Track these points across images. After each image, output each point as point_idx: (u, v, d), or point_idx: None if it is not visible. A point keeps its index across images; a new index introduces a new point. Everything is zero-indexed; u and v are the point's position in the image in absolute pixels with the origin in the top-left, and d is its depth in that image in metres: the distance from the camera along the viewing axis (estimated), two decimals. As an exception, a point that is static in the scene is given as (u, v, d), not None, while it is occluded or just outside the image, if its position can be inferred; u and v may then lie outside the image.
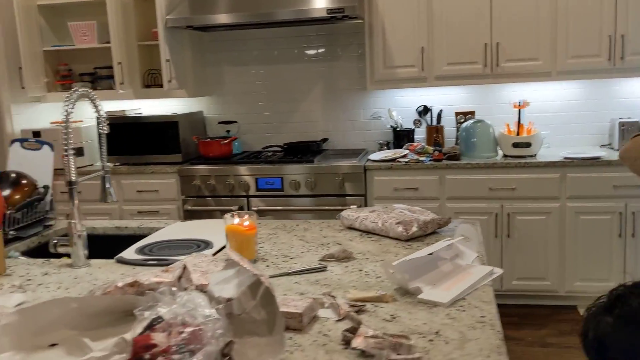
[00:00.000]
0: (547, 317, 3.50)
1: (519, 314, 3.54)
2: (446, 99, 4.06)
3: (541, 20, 3.59)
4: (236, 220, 1.74)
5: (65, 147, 1.73)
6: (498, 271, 1.56)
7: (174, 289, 1.27)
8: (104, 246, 2.20)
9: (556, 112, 3.96)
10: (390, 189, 3.62)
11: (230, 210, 3.73)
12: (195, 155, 4.12)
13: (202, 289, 1.44)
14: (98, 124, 1.87)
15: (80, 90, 1.78)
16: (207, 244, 1.92)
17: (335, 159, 3.80)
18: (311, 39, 4.19)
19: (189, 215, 3.79)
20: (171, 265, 1.47)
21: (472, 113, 3.96)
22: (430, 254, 1.57)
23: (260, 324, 1.18)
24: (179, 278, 1.41)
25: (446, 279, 1.50)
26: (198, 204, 3.82)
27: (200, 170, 3.80)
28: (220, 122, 4.27)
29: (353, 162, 3.67)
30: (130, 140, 4.00)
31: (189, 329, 1.10)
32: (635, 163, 1.51)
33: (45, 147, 2.27)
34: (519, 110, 3.71)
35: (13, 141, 2.29)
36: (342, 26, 4.12)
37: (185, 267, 1.43)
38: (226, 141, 3.97)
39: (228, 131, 4.27)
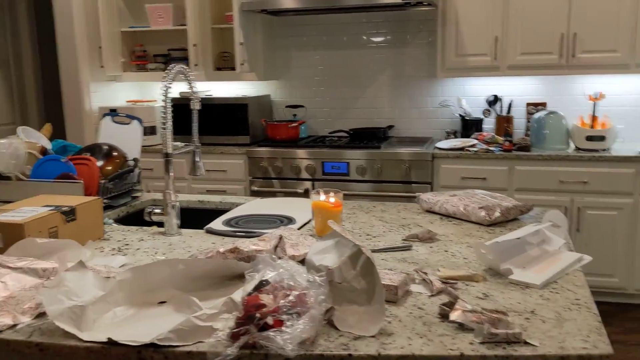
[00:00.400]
0: (614, 315, 3.43)
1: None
2: (517, 89, 4.00)
3: (622, 11, 3.48)
4: (322, 197, 1.79)
5: (164, 121, 1.81)
6: (587, 258, 1.55)
7: (273, 255, 1.33)
8: (188, 218, 2.29)
9: (632, 106, 3.84)
10: (457, 177, 3.60)
11: (296, 193, 3.80)
12: (262, 137, 4.20)
13: (293, 259, 1.49)
14: (190, 100, 1.95)
15: (177, 67, 1.85)
16: (289, 220, 1.98)
17: (402, 146, 3.80)
18: (379, 25, 4.19)
19: (255, 196, 3.87)
20: (267, 235, 1.53)
21: (543, 104, 3.89)
22: (519, 237, 1.58)
23: (359, 293, 1.23)
24: (275, 247, 1.47)
25: (536, 263, 1.51)
26: (264, 185, 3.90)
27: (267, 153, 3.88)
28: (287, 106, 4.34)
29: (420, 150, 3.67)
30: (201, 120, 4.10)
31: (295, 292, 1.15)
32: None
33: (135, 122, 2.38)
34: (594, 103, 3.62)
35: (105, 115, 2.41)
36: (412, 13, 4.11)
37: (281, 237, 1.49)
38: (294, 125, 4.03)
39: (295, 115, 4.34)
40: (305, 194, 3.82)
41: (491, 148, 3.60)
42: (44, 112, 5.13)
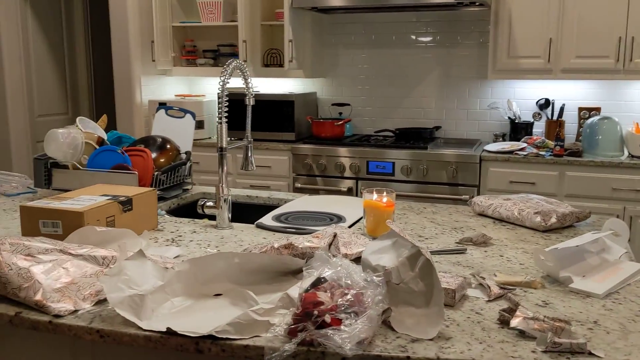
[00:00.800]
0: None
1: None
2: (569, 93, 3.90)
3: (685, 14, 3.36)
4: (375, 196, 1.77)
5: (219, 116, 1.82)
6: (651, 269, 1.50)
7: (328, 253, 1.32)
8: (235, 212, 2.31)
9: (692, 113, 3.71)
10: (505, 181, 3.54)
11: (340, 191, 3.80)
12: (307, 134, 4.21)
13: (346, 257, 1.49)
14: (245, 96, 1.96)
15: (234, 63, 1.87)
16: (339, 218, 1.97)
17: (448, 148, 3.75)
18: (429, 24, 4.14)
19: (298, 193, 3.89)
20: (320, 232, 1.53)
21: (597, 109, 3.78)
22: (578, 245, 1.54)
23: (417, 295, 1.21)
24: (329, 245, 1.46)
25: (596, 272, 1.46)
26: (308, 182, 3.91)
27: (312, 150, 3.88)
28: (333, 104, 4.33)
29: (468, 152, 3.62)
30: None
31: (352, 292, 1.15)
32: None
33: (188, 116, 2.41)
34: (652, 109, 3.50)
35: (159, 108, 2.44)
36: (463, 13, 4.05)
37: (335, 235, 1.48)
38: (340, 123, 4.03)
39: (340, 113, 4.33)
40: (349, 192, 3.81)
41: (541, 152, 3.52)
42: (94, 103, 5.25)
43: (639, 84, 3.76)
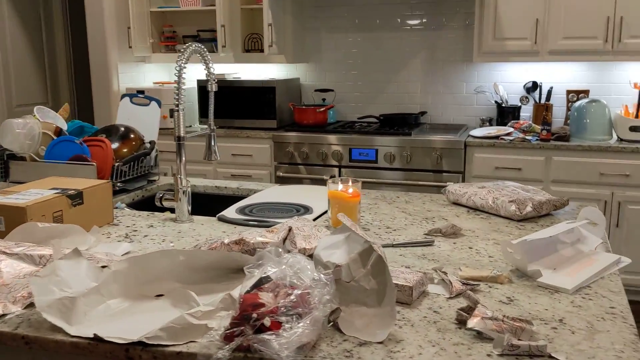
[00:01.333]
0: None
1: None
2: (557, 76, 3.80)
3: (675, -8, 3.25)
4: (340, 187, 1.68)
5: (176, 103, 1.73)
6: (626, 260, 1.41)
7: (280, 250, 1.23)
8: (204, 204, 2.23)
9: (682, 95, 3.60)
10: (491, 167, 3.45)
11: (322, 179, 3.71)
12: (289, 122, 4.10)
13: (304, 252, 1.40)
14: (207, 82, 1.86)
15: (193, 46, 1.77)
16: (306, 209, 1.88)
17: (434, 133, 3.66)
18: (414, 6, 4.03)
19: (280, 182, 3.80)
20: (276, 226, 1.44)
21: (585, 92, 3.68)
22: (551, 236, 1.45)
23: (369, 293, 1.12)
24: (284, 240, 1.37)
25: (568, 264, 1.38)
26: (290, 170, 3.81)
27: (294, 138, 3.79)
28: (316, 90, 4.23)
29: (452, 137, 3.52)
30: (227, 103, 4.04)
31: (297, 292, 1.06)
32: None
33: (153, 104, 2.31)
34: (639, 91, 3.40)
35: (123, 96, 2.34)
36: (449, -6, 3.93)
37: (290, 229, 1.39)
38: (322, 109, 3.93)
39: (324, 99, 4.23)
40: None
41: (528, 137, 3.43)
42: (75, 92, 5.14)
43: (628, 65, 3.66)
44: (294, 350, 0.97)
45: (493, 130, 3.58)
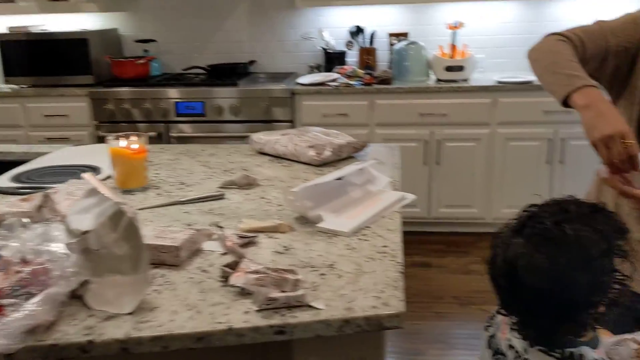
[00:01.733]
0: (472, 245, 3.49)
1: (444, 242, 3.51)
2: (380, 20, 3.84)
3: None
4: (122, 143, 1.53)
5: None
6: (410, 197, 1.43)
7: (26, 220, 1.08)
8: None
9: (492, 34, 3.81)
10: (319, 114, 3.44)
11: (150, 139, 3.48)
12: (109, 77, 3.78)
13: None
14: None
15: None
16: (94, 169, 1.71)
17: (262, 83, 3.56)
18: (236, -50, 3.84)
19: (103, 143, 3.51)
20: (32, 194, 1.26)
21: (405, 35, 3.77)
22: (339, 178, 1.43)
23: (123, 260, 1.01)
24: (39, 207, 1.21)
25: (353, 207, 1.36)
26: (112, 130, 3.53)
27: (113, 93, 3.50)
28: (137, 41, 3.92)
29: (280, 86, 3.45)
30: (35, 59, 3.63)
31: (28, 268, 0.92)
32: (534, 64, 1.39)
33: None
34: (453, 32, 3.54)
35: None
36: (269, -64, 3.78)
37: (47, 196, 1.23)
38: (142, 61, 3.66)
39: (146, 51, 3.93)
40: (159, 138, 3.51)
41: (352, 82, 3.45)
42: None
43: (444, 6, 3.78)
44: (17, 336, 0.84)
45: (319, 77, 3.56)
